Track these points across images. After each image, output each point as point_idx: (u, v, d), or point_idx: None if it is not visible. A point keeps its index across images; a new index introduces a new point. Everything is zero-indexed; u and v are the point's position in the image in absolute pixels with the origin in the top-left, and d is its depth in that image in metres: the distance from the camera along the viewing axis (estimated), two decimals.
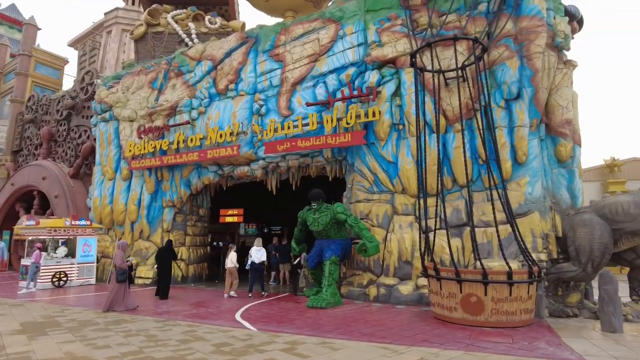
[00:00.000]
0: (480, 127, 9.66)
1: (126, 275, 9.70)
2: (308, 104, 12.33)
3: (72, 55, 62.57)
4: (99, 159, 16.91)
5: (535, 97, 10.21)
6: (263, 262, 11.93)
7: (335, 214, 10.80)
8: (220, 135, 13.56)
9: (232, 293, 11.91)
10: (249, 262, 11.87)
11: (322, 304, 9.74)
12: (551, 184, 10.30)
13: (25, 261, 13.84)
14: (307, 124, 12.27)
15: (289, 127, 12.50)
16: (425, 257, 9.07)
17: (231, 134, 13.40)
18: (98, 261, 15.25)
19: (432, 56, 9.93)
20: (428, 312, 9.17)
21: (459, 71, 10.04)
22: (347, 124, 11.56)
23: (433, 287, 8.54)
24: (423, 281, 10.30)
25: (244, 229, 24.75)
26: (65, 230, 14.14)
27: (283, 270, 15.44)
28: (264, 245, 13.12)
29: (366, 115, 11.37)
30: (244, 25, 17.74)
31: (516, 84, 10.24)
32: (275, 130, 12.71)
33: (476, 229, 10.21)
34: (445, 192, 10.85)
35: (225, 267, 12.23)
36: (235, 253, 12.37)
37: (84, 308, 9.93)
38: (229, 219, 24.28)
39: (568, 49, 10.82)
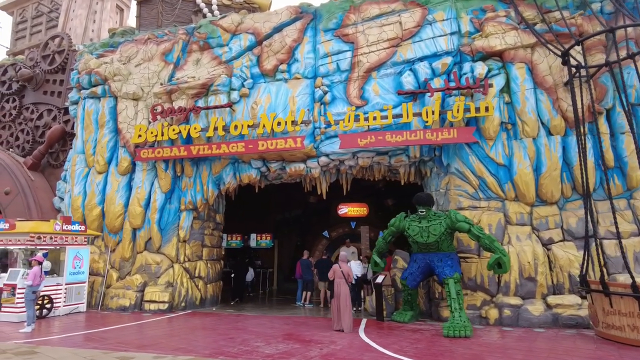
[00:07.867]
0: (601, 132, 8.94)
1: None
2: (400, 93, 10.52)
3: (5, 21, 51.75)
4: (82, 146, 12.92)
5: None
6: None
7: (454, 222, 9.05)
8: (279, 124, 11.03)
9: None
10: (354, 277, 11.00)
11: (466, 332, 7.85)
12: None
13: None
14: (398, 116, 10.45)
15: (374, 119, 10.54)
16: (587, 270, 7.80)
17: (293, 122, 10.96)
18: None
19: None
20: (577, 335, 7.88)
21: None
22: (453, 117, 10.02)
23: (623, 308, 7.25)
24: (554, 300, 9.05)
25: (226, 240, 21.40)
26: (52, 238, 10.16)
27: (323, 289, 13.09)
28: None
29: (477, 109, 9.95)
30: (271, 3, 15.37)
31: None
32: (357, 120, 10.64)
33: (606, 241, 9.39)
34: (564, 201, 9.89)
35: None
36: None
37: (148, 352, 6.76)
38: None
39: None
